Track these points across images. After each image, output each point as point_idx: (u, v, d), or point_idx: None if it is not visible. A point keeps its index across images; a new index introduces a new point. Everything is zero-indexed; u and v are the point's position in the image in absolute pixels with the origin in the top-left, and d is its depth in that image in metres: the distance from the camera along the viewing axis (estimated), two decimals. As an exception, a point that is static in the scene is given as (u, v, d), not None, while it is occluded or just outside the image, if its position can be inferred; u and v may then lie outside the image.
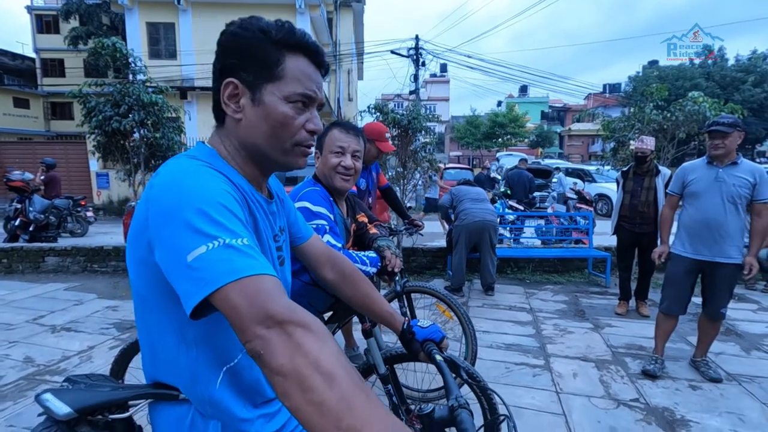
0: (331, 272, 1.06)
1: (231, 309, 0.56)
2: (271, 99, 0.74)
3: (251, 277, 0.57)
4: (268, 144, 0.76)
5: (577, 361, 3.04)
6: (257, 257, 0.60)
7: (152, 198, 0.65)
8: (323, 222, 1.43)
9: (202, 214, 0.60)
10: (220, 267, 0.57)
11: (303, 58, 0.76)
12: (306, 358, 0.52)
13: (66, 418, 0.73)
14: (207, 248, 0.58)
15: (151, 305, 0.73)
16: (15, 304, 4.19)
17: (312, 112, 0.78)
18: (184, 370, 0.75)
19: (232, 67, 0.74)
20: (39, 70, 27.17)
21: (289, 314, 0.55)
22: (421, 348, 1.05)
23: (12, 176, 6.73)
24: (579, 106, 43.15)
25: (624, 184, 3.99)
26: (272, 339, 0.53)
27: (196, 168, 0.69)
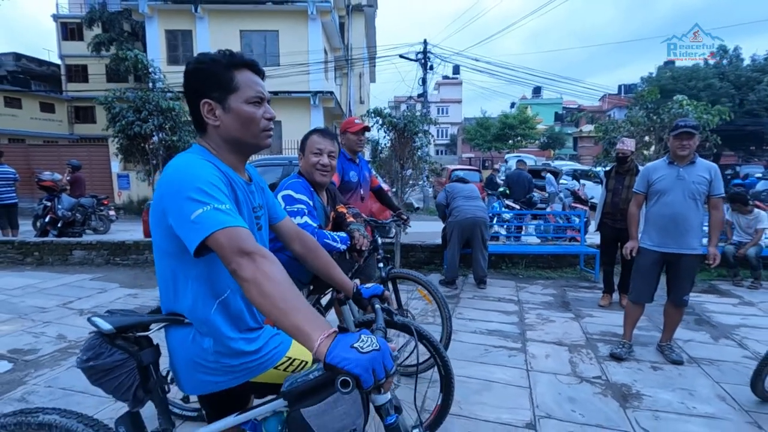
0: (298, 246, 1.40)
1: (218, 246, 0.91)
2: (236, 105, 1.08)
3: (231, 227, 0.92)
4: (245, 135, 1.11)
5: (552, 345, 3.30)
6: (235, 216, 0.95)
7: (164, 180, 1.01)
8: (302, 206, 1.77)
9: (199, 189, 0.95)
10: (212, 221, 0.91)
11: (247, 71, 1.10)
12: (262, 272, 0.88)
13: (108, 332, 1.07)
14: (203, 210, 0.92)
15: (167, 254, 1.07)
16: (47, 291, 4.64)
17: (265, 106, 1.12)
18: (189, 300, 1.08)
19: (202, 90, 1.08)
20: (64, 76, 28.29)
21: (254, 248, 0.91)
22: (368, 302, 1.37)
23: (43, 176, 7.28)
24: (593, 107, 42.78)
25: (607, 183, 4.22)
26: (243, 262, 0.89)
27: (193, 159, 1.04)
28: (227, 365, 1.12)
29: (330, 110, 16.74)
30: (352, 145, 3.04)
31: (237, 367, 1.14)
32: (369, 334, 0.84)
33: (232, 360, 1.12)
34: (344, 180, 2.92)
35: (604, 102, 41.41)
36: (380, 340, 0.82)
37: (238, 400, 1.20)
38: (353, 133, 3.01)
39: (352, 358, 0.77)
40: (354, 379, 0.76)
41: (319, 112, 15.44)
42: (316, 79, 15.38)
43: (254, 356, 1.16)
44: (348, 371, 0.76)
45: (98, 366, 1.10)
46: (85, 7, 25.53)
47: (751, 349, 3.23)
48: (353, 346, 0.79)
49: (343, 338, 0.81)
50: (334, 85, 18.70)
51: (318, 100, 15.19)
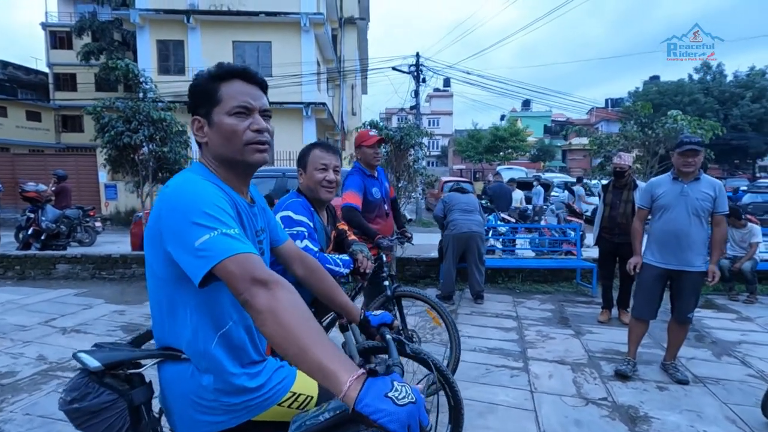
0: (300, 269, 1.32)
1: (228, 275, 0.82)
2: (218, 118, 1.01)
3: (241, 253, 0.83)
4: (227, 150, 1.01)
5: (554, 364, 3.22)
6: (245, 241, 0.87)
7: (165, 200, 0.92)
8: (302, 229, 1.67)
9: (204, 213, 0.86)
10: (221, 247, 0.83)
11: (237, 81, 1.02)
12: (278, 302, 0.79)
13: (95, 370, 0.96)
14: (210, 236, 0.84)
15: (163, 282, 0.97)
16: (28, 308, 4.44)
17: (254, 117, 1.02)
18: (188, 333, 0.98)
19: (193, 107, 1.04)
20: (51, 85, 27.93)
21: (268, 276, 0.83)
22: (376, 331, 1.28)
23: (27, 187, 7.06)
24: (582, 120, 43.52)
25: (604, 197, 4.20)
26: (257, 292, 0.80)
27: (195, 179, 0.96)
28: (227, 404, 1.02)
29: (322, 121, 16.72)
30: (369, 159, 2.91)
31: (238, 405, 1.03)
32: (402, 381, 0.75)
33: (232, 398, 1.02)
34: (367, 199, 2.78)
35: (591, 115, 42.16)
36: (414, 391, 0.73)
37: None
38: (369, 146, 2.87)
39: (388, 411, 0.68)
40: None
41: (311, 124, 15.40)
42: (308, 91, 15.36)
43: (257, 393, 1.06)
44: (382, 425, 0.67)
45: (84, 408, 0.99)
46: (74, 16, 25.37)
47: (755, 367, 3.18)
48: (387, 396, 0.70)
49: (374, 384, 0.72)
50: (327, 97, 18.71)
51: (310, 112, 15.15)
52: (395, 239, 3.14)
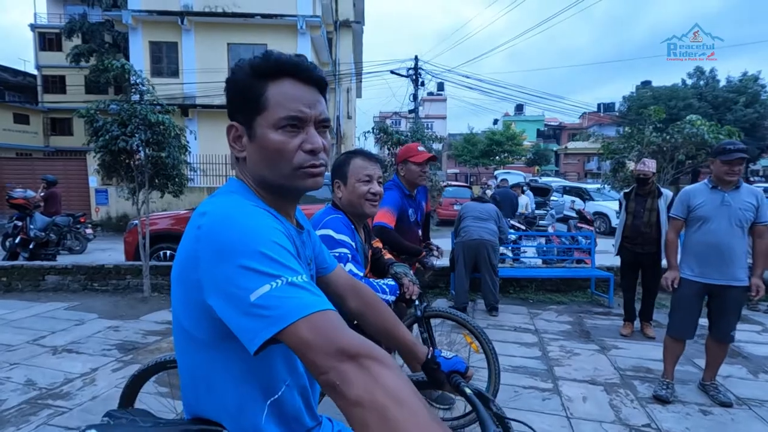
0: (354, 302, 1.08)
1: (303, 344, 0.59)
2: (261, 131, 0.76)
3: (318, 312, 0.60)
4: (272, 174, 0.78)
5: (585, 384, 3.02)
6: (318, 293, 0.64)
7: (203, 238, 0.67)
8: (345, 250, 1.44)
9: (260, 254, 0.63)
10: (288, 304, 0.60)
11: (288, 80, 0.77)
12: (384, 390, 0.54)
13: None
14: (271, 287, 0.61)
15: (200, 343, 0.74)
16: (15, 324, 4.14)
17: (308, 132, 0.78)
18: (231, 405, 0.76)
19: (233, 111, 0.80)
20: (40, 87, 27.39)
21: (360, 347, 0.58)
22: (446, 380, 1.05)
23: (14, 194, 6.73)
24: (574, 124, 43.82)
25: (626, 205, 4.03)
26: (348, 371, 0.56)
27: (242, 206, 0.72)
28: None
29: (319, 125, 16.47)
30: (413, 178, 2.53)
31: None
32: None
33: None
34: (402, 221, 2.46)
35: (584, 119, 42.46)
36: None
37: None
38: (417, 163, 2.48)
39: None
40: None
41: (308, 127, 15.16)
42: (305, 94, 15.13)
43: None
44: None
45: None
46: (64, 17, 24.90)
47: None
48: None
49: None
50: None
51: (307, 115, 14.92)
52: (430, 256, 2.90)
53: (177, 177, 4.83)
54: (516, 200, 8.05)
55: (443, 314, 2.50)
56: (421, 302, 2.45)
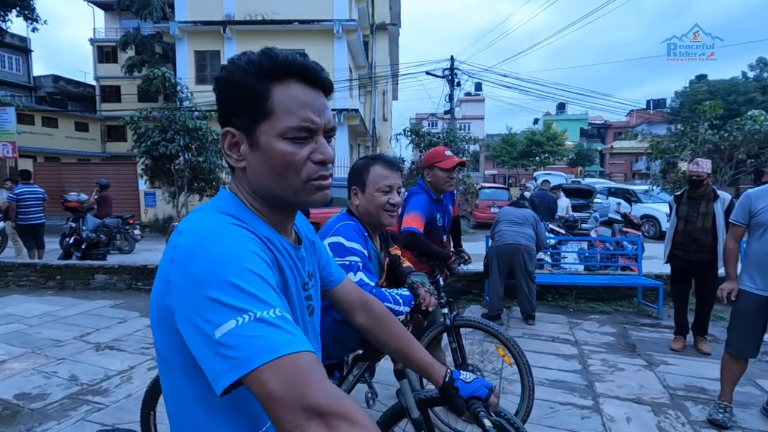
0: (363, 316, 1.01)
1: (266, 393, 0.51)
2: (266, 140, 0.68)
3: (288, 356, 0.52)
4: (278, 187, 0.71)
5: (629, 403, 2.80)
6: (292, 330, 0.55)
7: (176, 260, 0.61)
8: (356, 259, 1.38)
9: (230, 284, 0.56)
10: (254, 344, 0.52)
11: (295, 83, 0.69)
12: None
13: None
14: (237, 323, 0.53)
15: (174, 368, 0.67)
16: (65, 321, 4.39)
17: (317, 141, 0.71)
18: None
19: (228, 114, 0.71)
20: (98, 96, 29.39)
21: (332, 404, 0.50)
22: (465, 407, 0.96)
23: (68, 197, 7.21)
24: (621, 123, 41.73)
25: (677, 209, 3.72)
26: None
27: (221, 227, 0.64)
28: None
29: (354, 128, 16.61)
30: (439, 184, 2.44)
31: None
32: None
33: None
34: (428, 225, 2.38)
35: (632, 117, 40.33)
36: None
37: None
38: (444, 169, 2.39)
39: None
40: None
41: (343, 131, 15.31)
42: (341, 97, 15.30)
43: None
44: None
45: None
46: (119, 31, 26.61)
47: None
48: None
49: None
50: (359, 103, 18.64)
51: (343, 118, 15.07)
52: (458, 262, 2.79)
53: (214, 181, 4.98)
54: (555, 203, 7.71)
55: (473, 324, 2.38)
56: (451, 311, 2.35)
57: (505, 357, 2.30)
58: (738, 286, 2.59)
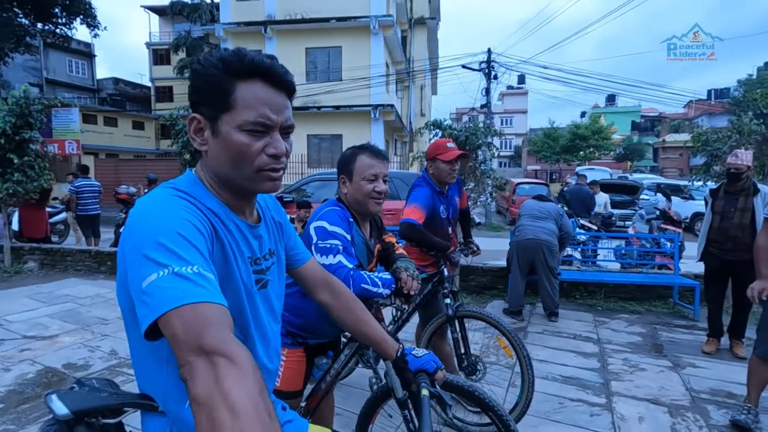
0: (324, 295, 1.09)
1: (170, 335, 0.59)
2: (226, 129, 0.76)
3: (192, 304, 0.59)
4: (232, 172, 0.79)
5: (645, 403, 2.70)
6: (204, 285, 0.63)
7: (126, 228, 0.71)
8: (337, 242, 1.45)
9: (158, 244, 0.65)
10: (165, 294, 0.60)
11: (259, 83, 0.76)
12: (219, 391, 0.53)
13: (64, 418, 0.81)
14: (157, 275, 0.62)
15: (132, 324, 0.77)
16: (112, 302, 4.80)
17: (272, 136, 0.78)
18: (159, 386, 0.80)
19: (196, 102, 0.79)
20: (153, 97, 31.31)
21: (218, 345, 0.57)
22: (413, 378, 1.02)
23: (119, 189, 7.82)
24: (678, 114, 39.02)
25: (713, 204, 3.51)
26: (198, 367, 0.55)
27: (165, 199, 0.74)
28: None
29: (390, 123, 16.69)
30: (442, 177, 2.45)
31: None
32: None
33: None
34: (432, 218, 2.42)
35: (690, 108, 37.61)
36: None
37: None
38: (445, 161, 2.41)
39: None
40: None
41: (379, 126, 15.42)
42: (377, 93, 15.41)
43: None
44: None
45: None
46: (172, 34, 28.17)
47: None
48: None
49: None
50: (395, 98, 18.67)
51: (378, 114, 15.18)
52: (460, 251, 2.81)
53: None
54: (591, 198, 7.41)
55: (476, 314, 2.39)
56: (454, 301, 2.38)
57: (505, 348, 2.30)
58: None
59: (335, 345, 1.75)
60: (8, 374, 3.01)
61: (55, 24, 18.65)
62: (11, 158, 5.65)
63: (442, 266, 2.42)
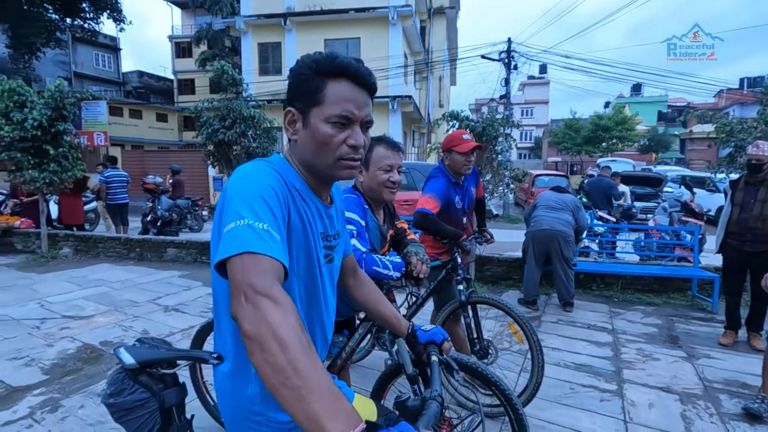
0: (351, 279, 1.22)
1: (230, 276, 0.71)
2: (315, 121, 0.89)
3: (252, 253, 0.70)
4: (316, 159, 0.91)
5: (656, 391, 2.74)
6: (269, 240, 0.73)
7: (226, 187, 0.85)
8: (352, 227, 1.56)
9: (244, 201, 0.78)
10: (234, 241, 0.72)
11: (346, 82, 0.88)
12: (267, 326, 0.63)
13: (130, 367, 0.96)
14: (235, 224, 0.74)
15: (214, 277, 0.89)
16: (142, 286, 5.06)
17: (353, 129, 0.90)
18: (232, 335, 0.92)
19: (292, 98, 0.92)
20: (176, 89, 31.94)
21: (265, 288, 0.67)
22: (423, 350, 1.12)
23: (146, 179, 8.12)
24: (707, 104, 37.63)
25: (733, 195, 3.48)
26: (246, 307, 0.66)
27: (257, 168, 0.87)
28: (274, 421, 0.92)
29: (408, 114, 16.67)
30: (457, 168, 2.52)
31: (285, 425, 0.92)
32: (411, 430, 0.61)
33: (280, 414, 0.91)
34: (447, 208, 2.49)
35: (720, 98, 36.18)
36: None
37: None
38: (461, 153, 2.47)
39: None
40: None
41: (397, 117, 15.43)
42: (395, 84, 15.40)
43: None
44: None
45: (119, 404, 1.00)
46: (194, 27, 28.62)
47: None
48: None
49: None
50: (414, 89, 18.60)
51: (396, 105, 15.18)
52: (473, 239, 2.88)
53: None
54: (613, 190, 7.31)
55: (488, 300, 2.48)
56: (467, 287, 2.47)
57: (516, 334, 2.38)
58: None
59: (350, 324, 1.88)
60: (51, 349, 3.26)
61: (84, 19, 19.22)
62: (47, 149, 5.96)
63: (455, 254, 2.50)
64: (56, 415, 2.41)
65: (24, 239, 7.06)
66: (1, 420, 2.35)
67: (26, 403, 2.53)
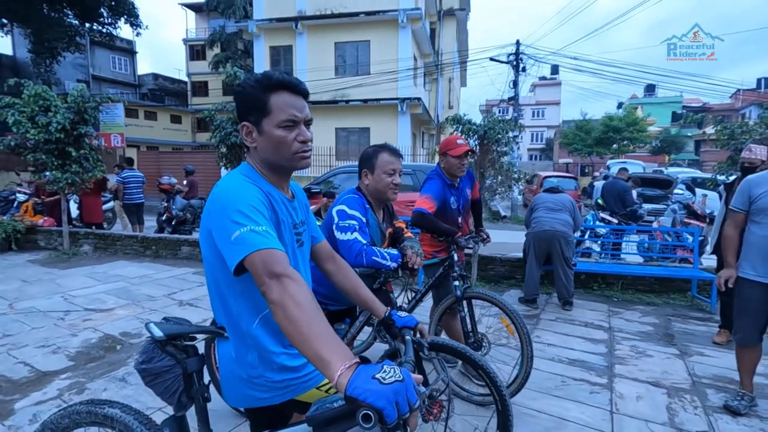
0: (330, 265, 1.41)
1: (253, 267, 0.94)
2: (269, 129, 1.10)
3: (265, 249, 0.94)
4: (277, 157, 1.13)
5: (645, 384, 2.86)
6: (270, 238, 0.97)
7: (212, 199, 1.06)
8: (354, 222, 1.76)
9: (239, 212, 0.99)
10: (248, 242, 0.95)
11: (285, 93, 1.10)
12: (288, 295, 0.89)
13: (160, 339, 1.16)
14: (240, 231, 0.96)
15: (214, 267, 1.11)
16: (158, 282, 5.31)
17: (300, 128, 1.12)
18: (234, 314, 1.13)
19: (243, 113, 1.13)
20: (189, 92, 32.55)
21: (283, 270, 0.93)
22: (399, 333, 1.30)
23: (162, 180, 8.42)
24: (723, 105, 37.04)
25: (727, 197, 3.57)
26: (272, 284, 0.91)
27: (238, 181, 1.09)
28: (270, 381, 1.14)
29: (417, 116, 16.82)
30: (452, 170, 2.69)
31: (279, 383, 1.15)
32: (392, 365, 0.78)
33: (275, 375, 1.14)
34: (442, 209, 2.65)
35: (736, 99, 35.62)
36: (404, 372, 0.76)
37: (280, 416, 1.21)
38: (455, 156, 2.63)
39: (374, 390, 0.72)
40: (376, 413, 0.70)
41: (406, 119, 15.59)
42: (404, 86, 15.56)
43: (297, 373, 1.18)
44: (369, 404, 0.71)
45: (149, 369, 1.20)
46: (208, 30, 29.17)
47: None
48: (375, 377, 0.74)
49: (364, 369, 0.77)
50: (423, 91, 18.74)
51: (405, 107, 15.34)
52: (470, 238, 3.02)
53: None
54: (626, 193, 7.29)
55: (482, 296, 2.63)
56: (462, 283, 2.63)
57: (508, 327, 2.53)
58: (737, 274, 2.56)
59: (351, 313, 2.05)
60: (76, 339, 3.50)
61: (102, 24, 19.79)
62: (70, 151, 6.26)
63: (452, 251, 2.66)
64: (82, 397, 2.63)
65: (47, 237, 7.39)
66: (34, 400, 2.58)
67: (55, 386, 2.75)
